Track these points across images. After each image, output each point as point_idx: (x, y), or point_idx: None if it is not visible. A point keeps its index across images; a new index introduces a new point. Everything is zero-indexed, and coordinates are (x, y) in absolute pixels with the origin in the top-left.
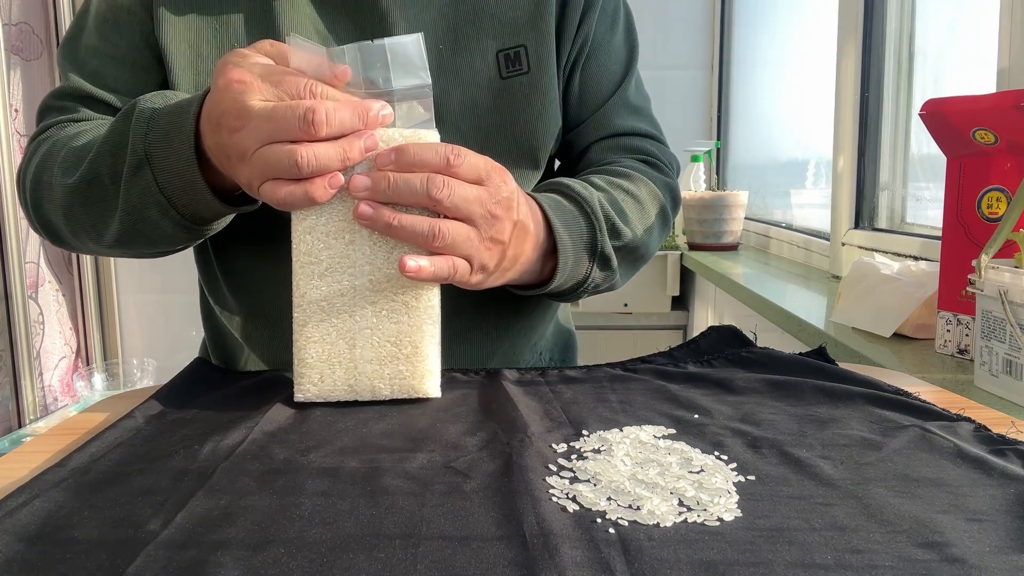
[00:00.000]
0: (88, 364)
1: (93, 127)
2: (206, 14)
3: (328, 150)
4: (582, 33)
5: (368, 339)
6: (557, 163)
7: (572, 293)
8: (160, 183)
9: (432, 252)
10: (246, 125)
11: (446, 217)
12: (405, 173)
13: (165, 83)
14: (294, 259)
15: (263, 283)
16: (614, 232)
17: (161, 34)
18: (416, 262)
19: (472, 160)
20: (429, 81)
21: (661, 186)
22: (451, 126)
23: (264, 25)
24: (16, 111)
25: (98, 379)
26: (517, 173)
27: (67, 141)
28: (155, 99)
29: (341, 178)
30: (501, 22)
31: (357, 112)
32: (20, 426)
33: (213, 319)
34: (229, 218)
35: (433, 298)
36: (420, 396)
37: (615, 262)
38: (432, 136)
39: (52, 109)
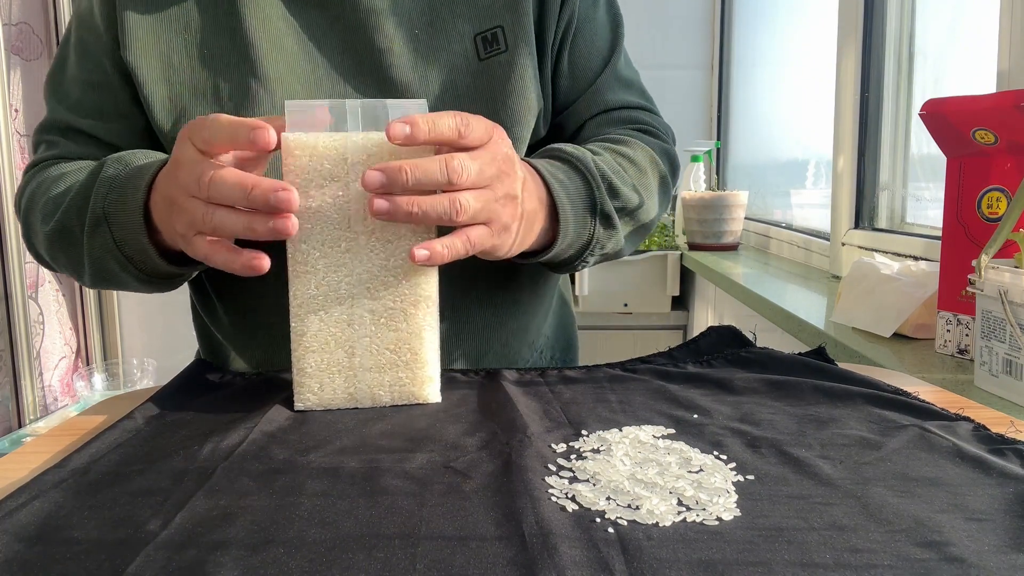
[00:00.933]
0: (88, 364)
1: (73, 171)
2: (171, 23)
3: (230, 217)
4: (566, 11)
5: (367, 347)
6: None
7: (580, 258)
8: (116, 241)
9: (444, 230)
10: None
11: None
12: (419, 161)
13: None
14: (290, 268)
15: (250, 287)
16: (612, 191)
17: (128, 53)
18: (425, 250)
19: (477, 125)
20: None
21: (659, 151)
22: (432, 111)
23: (230, 27)
24: (16, 111)
25: (98, 379)
26: None
27: (48, 185)
28: (127, 158)
29: (266, 263)
30: (477, 5)
31: (247, 181)
32: (20, 426)
33: (201, 322)
34: (196, 271)
35: (431, 304)
36: (420, 402)
37: (617, 220)
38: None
39: (40, 143)
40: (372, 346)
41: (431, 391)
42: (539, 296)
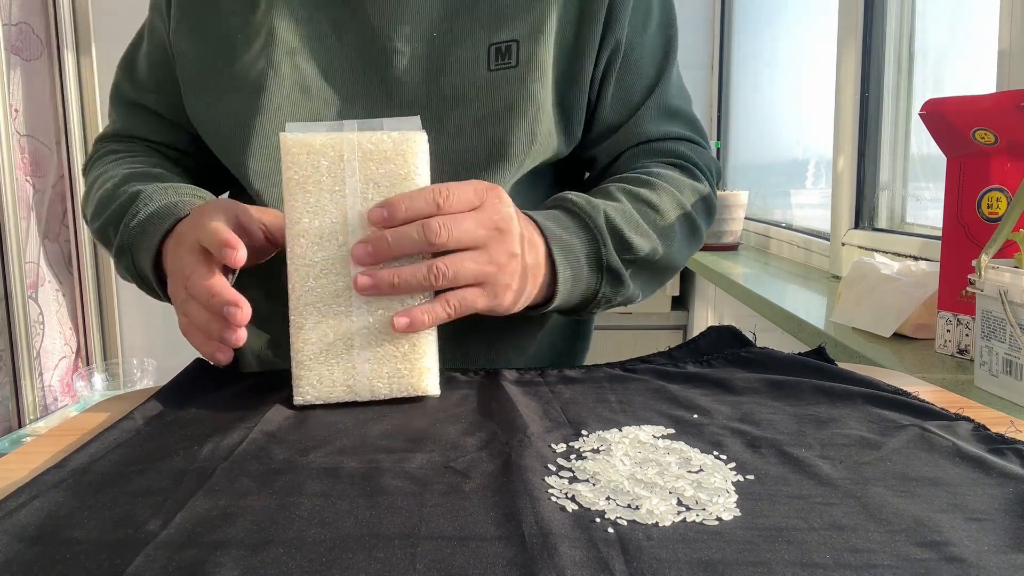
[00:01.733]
0: (88, 364)
1: (121, 170)
2: (208, 7)
3: (200, 313)
4: (610, 40)
5: (365, 339)
6: (586, 174)
7: (585, 309)
8: (138, 269)
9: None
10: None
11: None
12: (400, 229)
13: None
14: (288, 262)
15: (252, 285)
16: (624, 245)
17: (173, 34)
18: (405, 317)
19: (460, 192)
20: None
21: (688, 191)
22: (434, 117)
23: (258, 18)
24: (16, 111)
25: (98, 379)
26: (488, 168)
27: (102, 182)
28: (156, 195)
29: (226, 357)
30: (497, 15)
31: (213, 284)
32: (20, 426)
33: None
34: None
35: (428, 296)
36: (419, 394)
37: (626, 276)
38: (420, 137)
39: (109, 116)
40: (370, 337)
41: (430, 383)
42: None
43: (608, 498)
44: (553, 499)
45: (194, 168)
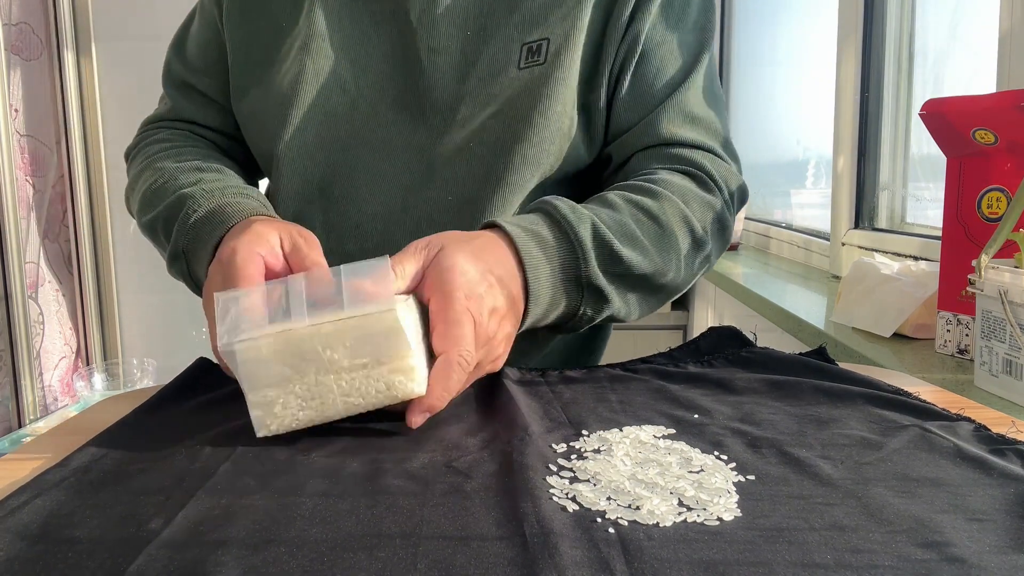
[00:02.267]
0: (88, 364)
1: (171, 170)
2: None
3: None
4: (631, 33)
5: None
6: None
7: (565, 326)
8: (192, 274)
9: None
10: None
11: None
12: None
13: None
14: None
15: None
16: (613, 258)
17: (224, 19)
18: (416, 420)
19: (472, 353)
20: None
21: (697, 204)
22: (464, 116)
23: (299, 8)
24: (16, 111)
25: (98, 379)
26: (512, 171)
27: (151, 173)
28: (203, 200)
29: None
30: (530, 14)
31: None
32: (20, 426)
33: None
34: None
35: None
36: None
37: (611, 292)
38: (384, 269)
39: (161, 98)
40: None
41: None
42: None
43: (609, 498)
44: (554, 499)
45: (241, 156)
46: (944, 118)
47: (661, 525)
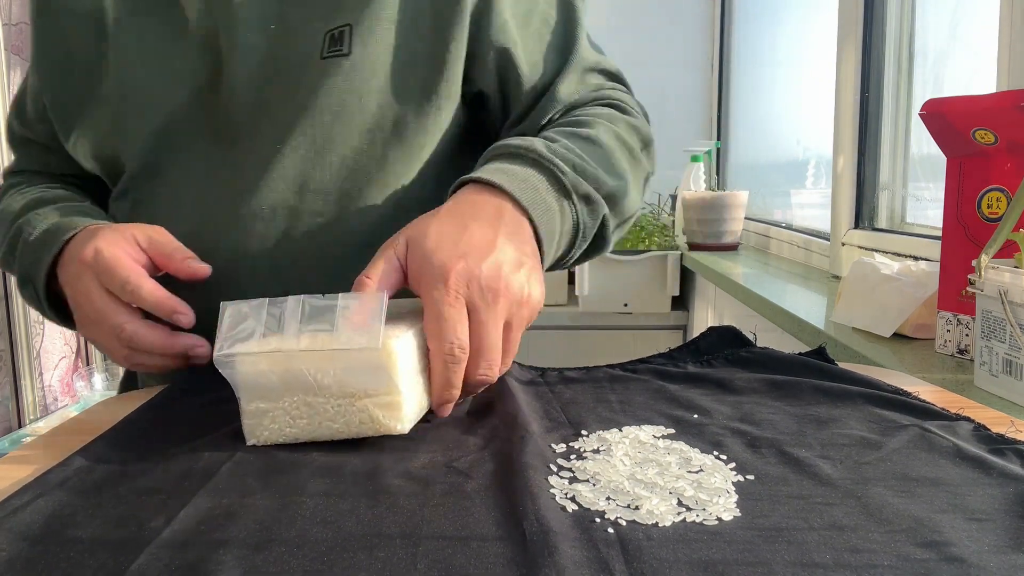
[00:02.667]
0: (88, 364)
1: (15, 196)
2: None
3: (152, 359)
4: (490, 47)
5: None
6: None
7: (573, 246)
8: (47, 293)
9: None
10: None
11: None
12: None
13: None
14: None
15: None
16: (578, 169)
17: (35, 61)
18: (444, 411)
19: (489, 332)
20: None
21: (624, 128)
22: (273, 117)
23: (102, 24)
24: None
25: (98, 379)
26: (318, 167)
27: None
28: (37, 221)
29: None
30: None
31: (165, 343)
32: (20, 426)
33: None
34: None
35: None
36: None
37: (596, 196)
38: (378, 302)
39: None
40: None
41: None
42: None
43: (608, 498)
44: (554, 499)
45: (96, 192)
46: (944, 118)
47: (660, 525)
